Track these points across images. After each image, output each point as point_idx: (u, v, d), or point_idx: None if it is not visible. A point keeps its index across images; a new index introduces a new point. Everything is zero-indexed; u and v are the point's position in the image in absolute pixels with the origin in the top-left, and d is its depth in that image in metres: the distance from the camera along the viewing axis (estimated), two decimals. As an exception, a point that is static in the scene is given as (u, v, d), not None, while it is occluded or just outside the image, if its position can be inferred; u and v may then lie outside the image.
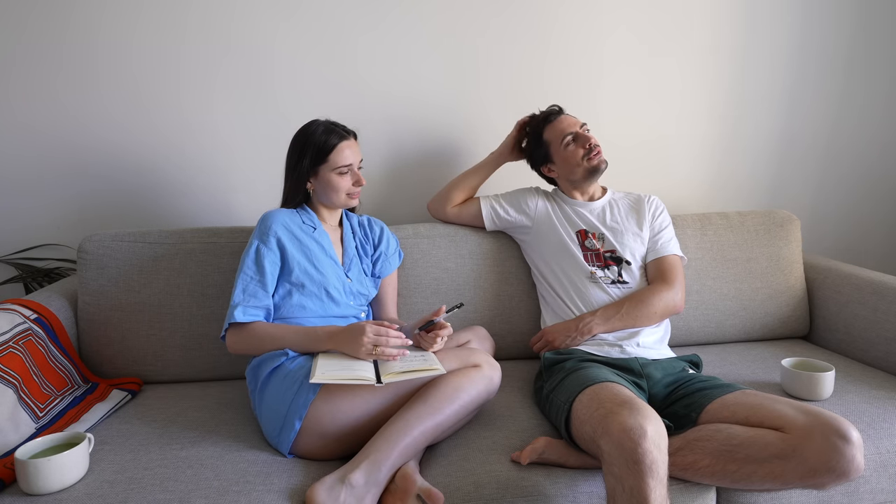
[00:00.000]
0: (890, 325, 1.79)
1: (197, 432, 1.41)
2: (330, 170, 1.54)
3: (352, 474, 1.18)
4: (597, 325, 1.65)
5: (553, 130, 1.80)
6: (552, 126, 1.81)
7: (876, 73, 2.43)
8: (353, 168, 1.57)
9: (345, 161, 1.54)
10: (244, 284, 1.45)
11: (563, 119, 1.81)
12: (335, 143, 1.54)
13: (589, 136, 1.77)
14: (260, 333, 1.43)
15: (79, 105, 1.96)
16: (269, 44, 2.02)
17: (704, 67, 2.30)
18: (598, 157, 1.76)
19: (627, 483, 1.11)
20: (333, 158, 1.53)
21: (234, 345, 1.44)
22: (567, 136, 1.77)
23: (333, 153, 1.53)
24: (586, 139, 1.76)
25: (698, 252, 2.02)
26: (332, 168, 1.54)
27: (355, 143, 1.59)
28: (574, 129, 1.78)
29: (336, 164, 1.53)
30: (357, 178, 1.57)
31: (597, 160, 1.76)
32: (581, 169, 1.77)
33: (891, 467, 1.42)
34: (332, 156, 1.53)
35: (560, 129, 1.79)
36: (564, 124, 1.79)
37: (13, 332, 1.46)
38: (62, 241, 2.03)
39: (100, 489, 1.17)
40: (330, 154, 1.53)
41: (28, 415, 1.38)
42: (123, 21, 1.93)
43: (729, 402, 1.35)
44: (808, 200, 2.50)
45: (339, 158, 1.53)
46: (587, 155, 1.76)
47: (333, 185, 1.55)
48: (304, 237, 1.54)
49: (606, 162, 1.78)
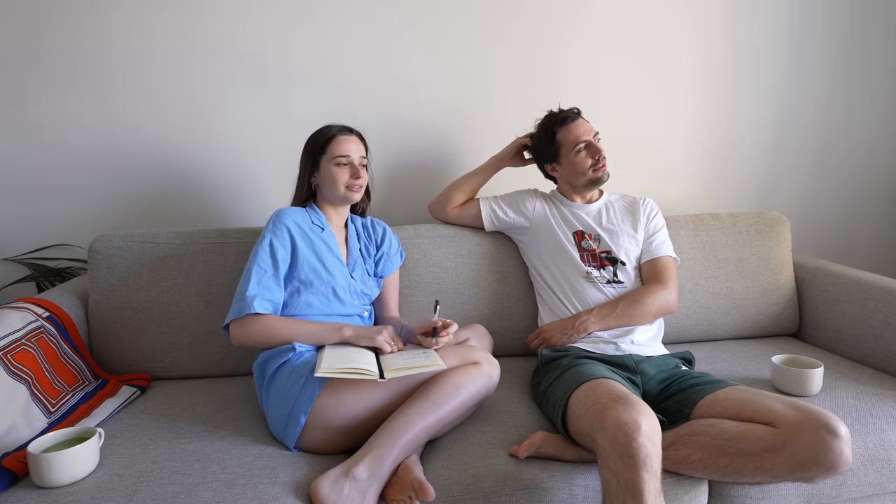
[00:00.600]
0: (877, 323, 1.81)
1: (204, 427, 1.43)
2: (329, 160, 1.58)
3: (355, 468, 1.19)
4: (593, 324, 1.67)
5: (568, 133, 1.78)
6: (567, 129, 1.79)
7: (863, 77, 2.46)
8: (353, 161, 1.59)
9: (342, 151, 1.57)
10: (259, 276, 1.45)
11: (579, 124, 1.79)
12: (333, 135, 1.59)
13: (600, 148, 1.77)
14: (274, 323, 1.43)
15: (90, 109, 1.97)
16: (278, 48, 2.03)
17: (697, 71, 2.32)
18: (603, 170, 1.77)
19: (622, 476, 1.12)
20: (332, 149, 1.57)
21: (243, 336, 1.42)
22: (580, 144, 1.76)
23: (332, 144, 1.58)
24: (597, 150, 1.76)
25: (691, 252, 2.04)
26: (331, 158, 1.57)
27: (357, 139, 1.62)
28: (588, 137, 1.77)
29: (334, 154, 1.57)
30: (355, 170, 1.59)
31: (601, 172, 1.77)
32: (585, 178, 1.78)
33: (878, 461, 1.43)
34: (330, 146, 1.58)
35: (575, 135, 1.77)
36: (580, 130, 1.78)
37: (26, 329, 1.47)
38: (73, 241, 2.05)
39: (110, 482, 1.19)
40: (329, 145, 1.58)
41: (40, 410, 1.39)
42: (138, 26, 1.95)
43: (721, 398, 1.36)
44: (797, 202, 2.52)
45: (336, 149, 1.57)
46: (594, 166, 1.76)
47: (332, 176, 1.57)
48: (314, 236, 1.56)
49: (609, 174, 1.79)
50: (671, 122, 2.35)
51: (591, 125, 1.81)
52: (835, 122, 2.48)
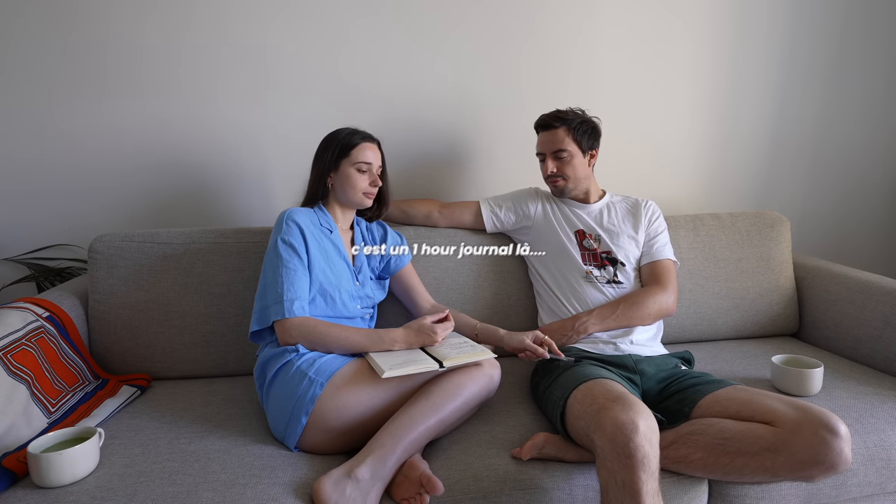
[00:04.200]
0: (876, 323, 1.81)
1: (204, 427, 1.43)
2: (350, 164, 1.59)
3: (357, 469, 1.19)
4: (592, 325, 1.67)
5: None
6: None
7: (862, 77, 2.46)
8: (372, 169, 1.61)
9: (365, 158, 1.59)
10: (290, 278, 1.45)
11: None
12: (359, 142, 1.60)
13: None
14: (321, 329, 1.43)
15: (90, 109, 1.97)
16: (283, 49, 2.03)
17: (697, 70, 2.32)
18: (553, 186, 1.83)
19: (620, 476, 1.12)
20: (355, 154, 1.59)
21: (290, 338, 1.42)
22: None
23: (356, 149, 1.60)
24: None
25: (691, 252, 2.04)
26: (353, 163, 1.59)
27: (377, 149, 1.65)
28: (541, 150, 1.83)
29: (356, 159, 1.59)
30: (374, 178, 1.61)
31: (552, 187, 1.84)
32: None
33: (878, 461, 1.43)
34: (354, 151, 1.59)
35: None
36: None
37: (26, 329, 1.47)
38: (73, 241, 2.05)
39: (110, 482, 1.18)
40: (353, 150, 1.60)
41: (40, 410, 1.39)
42: (133, 23, 1.94)
43: (721, 398, 1.36)
44: (797, 202, 2.53)
45: (360, 155, 1.59)
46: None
47: (352, 180, 1.59)
48: (322, 237, 1.57)
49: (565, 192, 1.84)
50: (671, 121, 2.36)
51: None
52: (834, 120, 2.48)
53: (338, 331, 1.45)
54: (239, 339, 1.78)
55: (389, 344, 1.44)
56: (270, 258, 1.49)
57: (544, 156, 1.81)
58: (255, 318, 1.46)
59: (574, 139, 1.77)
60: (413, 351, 1.44)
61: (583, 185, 1.84)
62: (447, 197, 2.23)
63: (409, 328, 1.47)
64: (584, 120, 1.79)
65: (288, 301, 1.42)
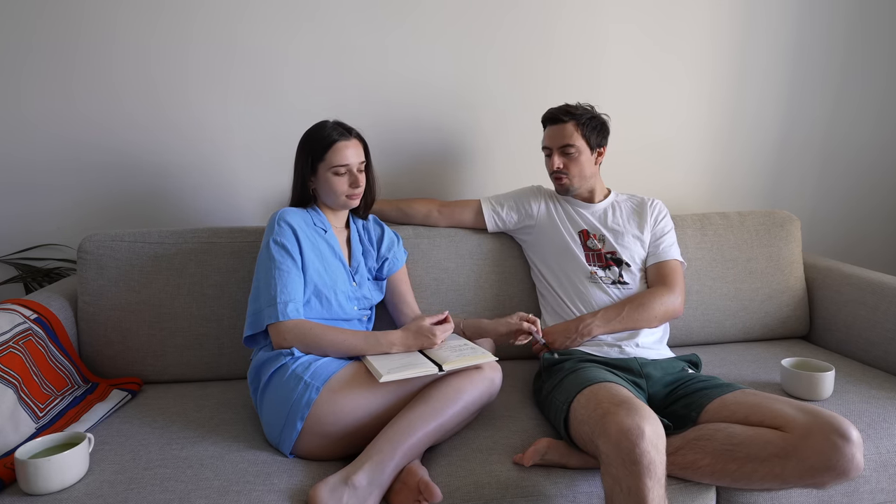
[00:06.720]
0: (890, 325, 1.79)
1: (197, 432, 1.42)
2: (327, 169, 1.52)
3: (355, 476, 1.18)
4: (597, 327, 1.65)
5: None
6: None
7: (873, 74, 2.44)
8: (352, 169, 1.54)
9: (341, 161, 1.51)
10: (283, 280, 1.43)
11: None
12: (333, 141, 1.52)
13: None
14: (317, 332, 1.41)
15: (80, 105, 1.96)
16: (275, 47, 2.02)
17: (705, 68, 2.31)
18: (558, 183, 1.81)
19: (625, 483, 1.11)
20: (330, 157, 1.51)
21: (285, 342, 1.40)
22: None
23: (330, 151, 1.51)
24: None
25: (698, 252, 2.02)
26: (329, 167, 1.52)
27: (356, 143, 1.56)
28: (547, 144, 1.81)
29: (332, 163, 1.51)
30: (354, 179, 1.54)
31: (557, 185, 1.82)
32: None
33: (891, 467, 1.42)
34: (328, 154, 1.51)
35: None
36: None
37: (13, 332, 1.46)
38: (62, 241, 2.03)
39: (100, 489, 1.17)
40: (327, 152, 1.52)
41: (28, 415, 1.38)
42: (137, 24, 1.93)
43: (729, 402, 1.35)
44: (807, 200, 2.51)
45: (335, 157, 1.51)
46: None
47: (331, 185, 1.53)
48: (316, 238, 1.54)
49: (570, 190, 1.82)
50: (677, 117, 2.34)
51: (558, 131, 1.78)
52: (845, 118, 2.46)
53: (333, 333, 1.42)
54: (232, 341, 1.77)
55: (387, 346, 1.42)
56: (262, 260, 1.47)
57: (551, 150, 1.78)
58: (249, 322, 1.44)
59: (582, 135, 1.74)
60: (412, 354, 1.42)
61: (588, 184, 1.82)
62: (447, 196, 2.21)
63: (408, 330, 1.45)
64: (593, 116, 1.77)
65: (281, 303, 1.40)
